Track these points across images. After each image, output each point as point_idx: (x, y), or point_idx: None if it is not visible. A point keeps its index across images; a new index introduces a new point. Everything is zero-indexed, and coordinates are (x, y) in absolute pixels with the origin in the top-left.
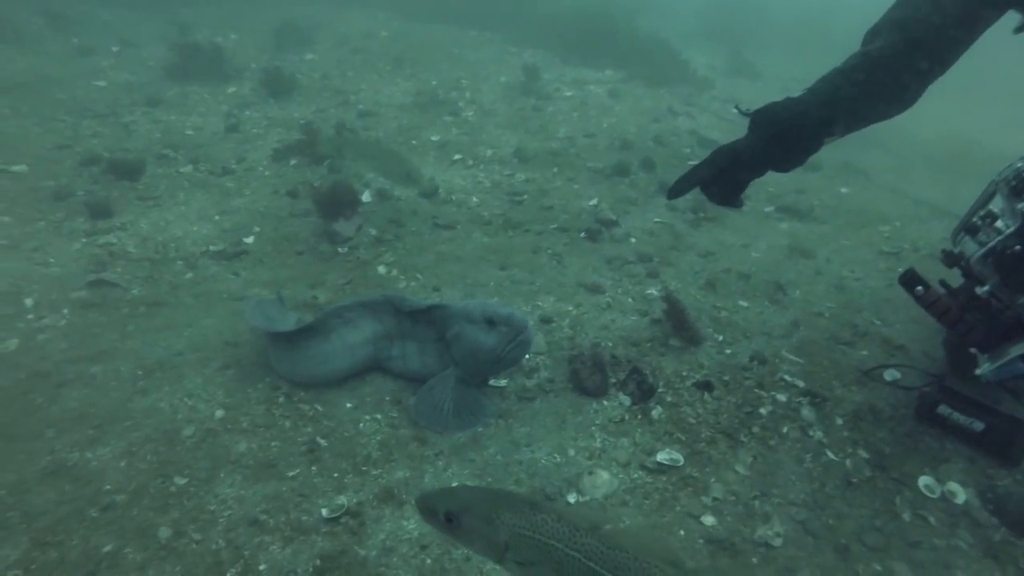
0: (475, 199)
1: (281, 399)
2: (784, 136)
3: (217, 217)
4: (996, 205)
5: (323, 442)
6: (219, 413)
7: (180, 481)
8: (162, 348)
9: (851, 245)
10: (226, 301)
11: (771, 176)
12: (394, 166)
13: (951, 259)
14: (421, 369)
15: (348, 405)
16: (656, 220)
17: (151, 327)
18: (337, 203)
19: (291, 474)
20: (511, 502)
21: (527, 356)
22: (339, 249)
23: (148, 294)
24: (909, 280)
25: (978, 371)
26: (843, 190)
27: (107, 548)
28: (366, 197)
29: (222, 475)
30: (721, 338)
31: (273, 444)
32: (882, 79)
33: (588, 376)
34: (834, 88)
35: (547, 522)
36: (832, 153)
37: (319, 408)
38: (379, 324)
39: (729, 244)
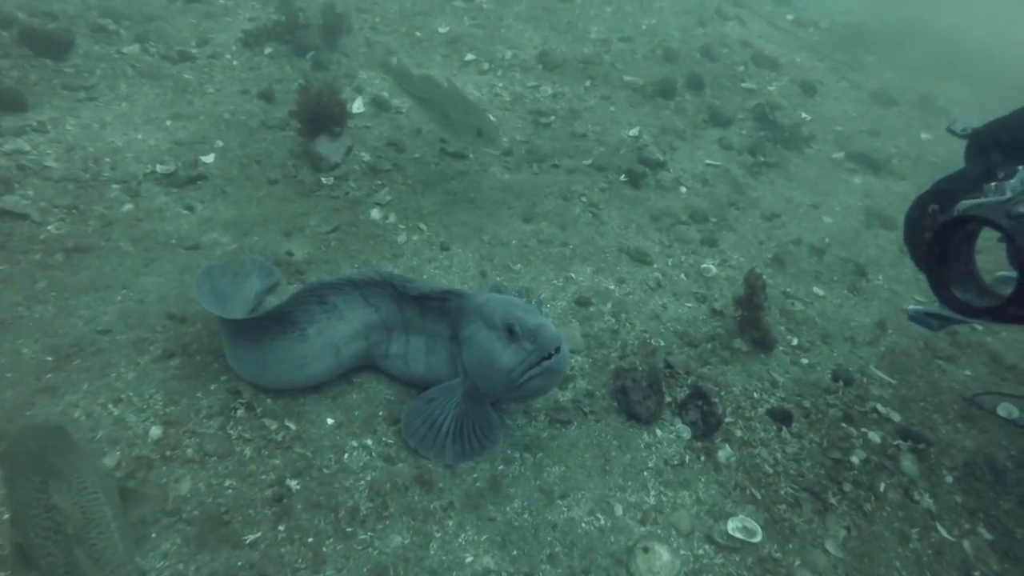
0: (492, 117)
1: (240, 411)
2: None
3: (169, 123)
4: None
5: (295, 484)
6: (155, 432)
7: None
8: (83, 320)
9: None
10: (174, 249)
11: (840, 113)
12: (460, 116)
13: None
14: (426, 373)
15: (329, 422)
16: (708, 162)
17: (71, 285)
18: (322, 114)
19: (250, 538)
20: None
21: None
22: (323, 179)
23: (70, 233)
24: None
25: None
26: (924, 136)
27: None
28: (358, 106)
29: (154, 535)
30: (796, 341)
31: (227, 485)
32: None
33: (641, 399)
34: None
35: None
36: (907, 81)
37: (291, 426)
38: (373, 312)
39: (796, 203)
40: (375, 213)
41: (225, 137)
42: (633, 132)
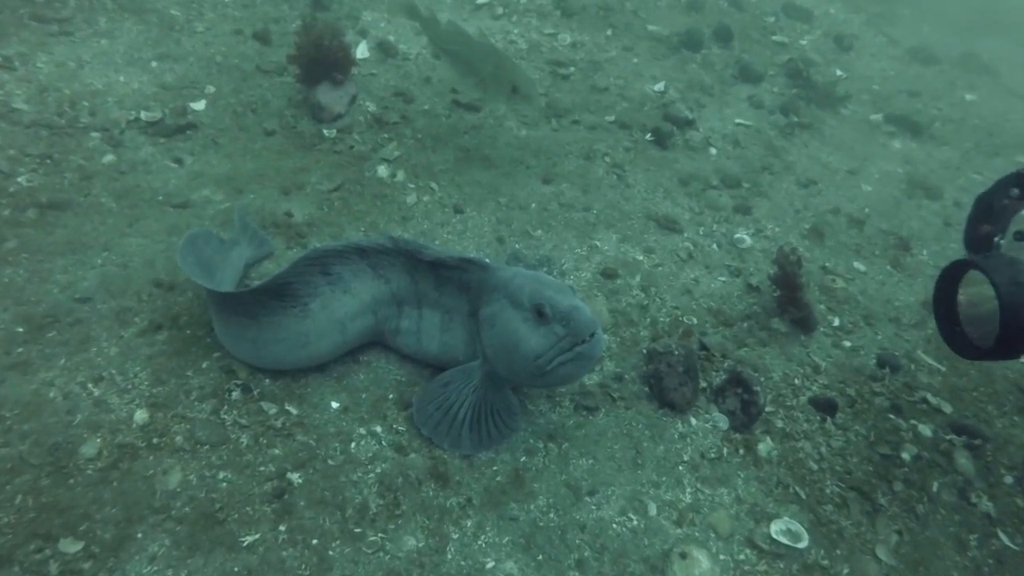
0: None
1: (235, 393)
2: None
3: (155, 64)
4: None
5: (297, 478)
6: (141, 416)
7: (70, 548)
8: (59, 287)
9: (984, 181)
10: (161, 207)
11: (877, 70)
12: (492, 70)
13: None
14: (440, 352)
15: (334, 405)
16: (738, 121)
17: (45, 246)
18: (323, 60)
19: (248, 540)
20: None
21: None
22: (324, 131)
23: (43, 186)
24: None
25: None
26: (968, 96)
27: None
28: (362, 52)
29: (139, 535)
30: (837, 322)
31: (222, 478)
32: None
33: (677, 386)
34: None
35: None
36: (947, 37)
37: (292, 411)
38: (383, 284)
39: (833, 168)
40: (382, 170)
41: (217, 82)
42: (658, 87)
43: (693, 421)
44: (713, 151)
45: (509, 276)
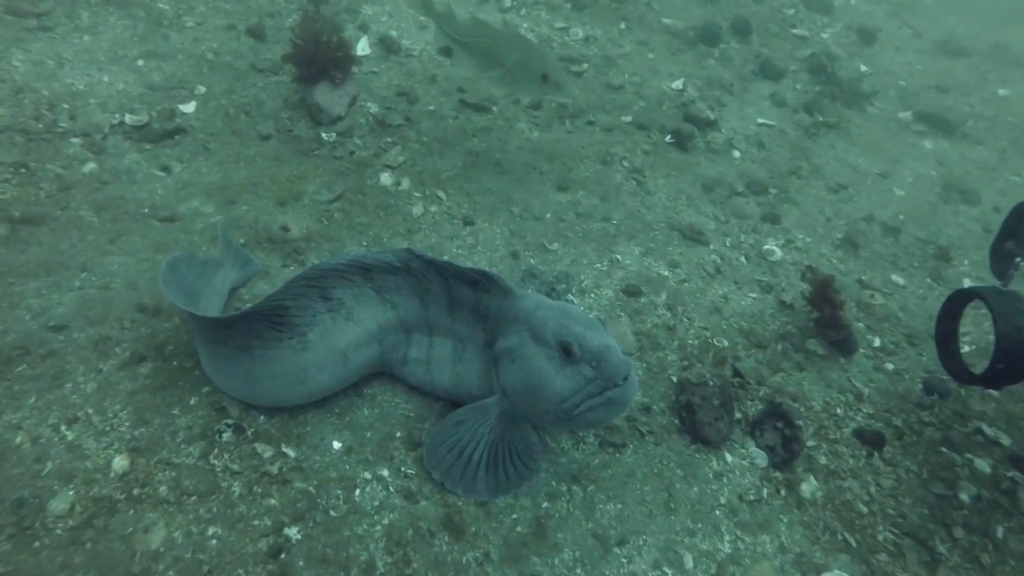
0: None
1: (227, 434)
2: None
3: (141, 62)
4: None
5: (295, 533)
6: (120, 463)
7: None
8: (31, 313)
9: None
10: (147, 221)
11: (903, 65)
12: (519, 60)
13: None
14: (452, 385)
15: (336, 446)
16: (761, 121)
17: (16, 266)
18: (322, 57)
19: None
20: None
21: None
22: (323, 135)
23: (16, 198)
24: None
25: None
26: (1001, 91)
27: None
28: (363, 48)
29: None
30: (878, 342)
31: (211, 534)
32: None
33: (711, 421)
34: None
35: None
36: (974, 28)
37: (289, 453)
38: (389, 309)
39: (863, 172)
40: (385, 177)
41: (208, 82)
42: (676, 84)
43: (729, 458)
44: (736, 154)
45: (531, 306)
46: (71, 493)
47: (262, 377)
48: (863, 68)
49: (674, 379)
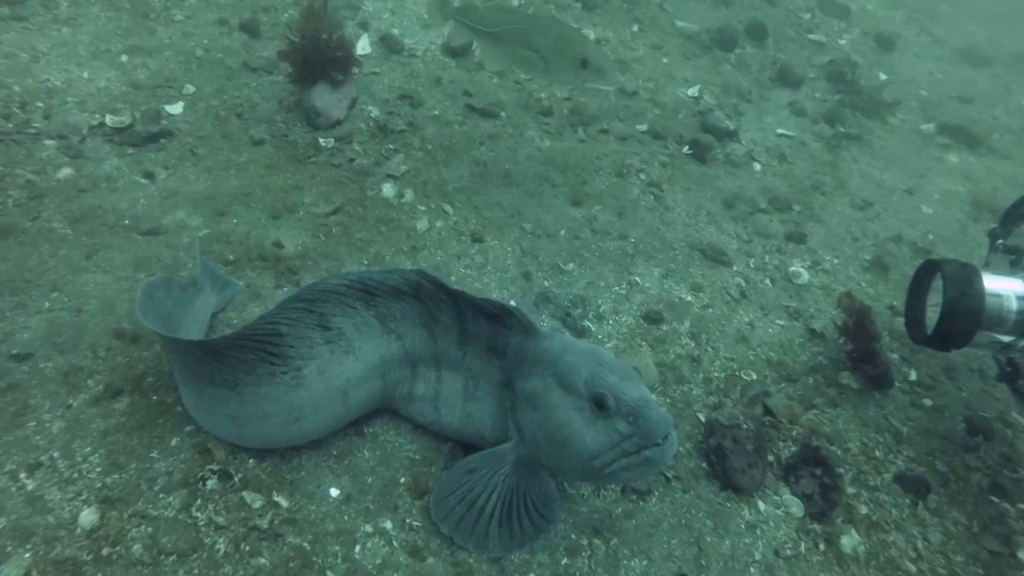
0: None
1: (212, 480)
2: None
3: (124, 58)
4: None
5: None
6: (88, 517)
7: None
8: None
9: None
10: (127, 234)
11: (924, 73)
12: (554, 44)
13: None
14: (462, 424)
15: (334, 493)
16: (780, 131)
17: None
18: (321, 56)
19: None
20: None
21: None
22: (321, 140)
23: None
24: None
25: None
26: None
27: None
28: (363, 47)
29: None
30: (914, 375)
31: None
32: None
33: (744, 467)
34: None
35: None
36: (994, 35)
37: (281, 502)
38: (394, 341)
39: (889, 187)
40: (387, 188)
41: (197, 80)
42: (692, 91)
43: (762, 506)
44: (757, 166)
45: (559, 349)
46: (28, 556)
47: (252, 417)
48: (883, 76)
49: (700, 416)
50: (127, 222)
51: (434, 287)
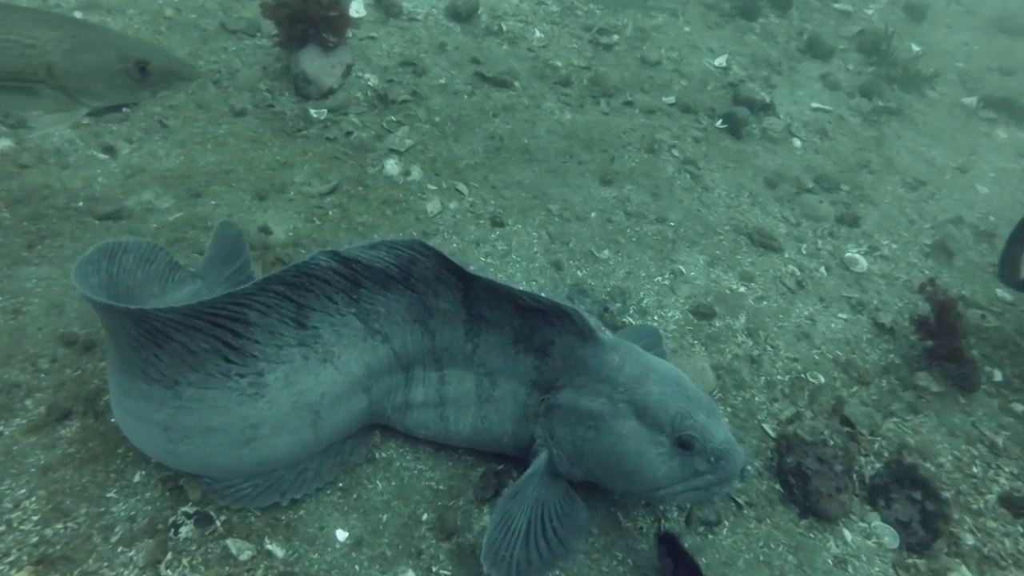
0: (538, 32)
1: (186, 527)
2: None
3: (79, 14)
4: None
5: None
6: None
7: None
8: None
9: None
10: (81, 219)
11: (958, 44)
12: None
13: None
14: (475, 431)
15: (341, 537)
16: (816, 105)
17: None
18: (310, 15)
19: None
20: None
21: None
22: (312, 111)
23: None
24: None
25: None
26: None
27: None
28: (356, 9)
29: None
30: (999, 376)
31: None
32: None
33: (832, 491)
34: None
35: None
36: None
37: (275, 551)
38: (379, 343)
39: (939, 166)
40: (391, 165)
41: (167, 43)
42: (719, 61)
43: (848, 535)
44: (797, 142)
45: (637, 373)
46: None
47: (190, 431)
48: (915, 48)
49: (767, 428)
50: (81, 204)
51: (433, 264)
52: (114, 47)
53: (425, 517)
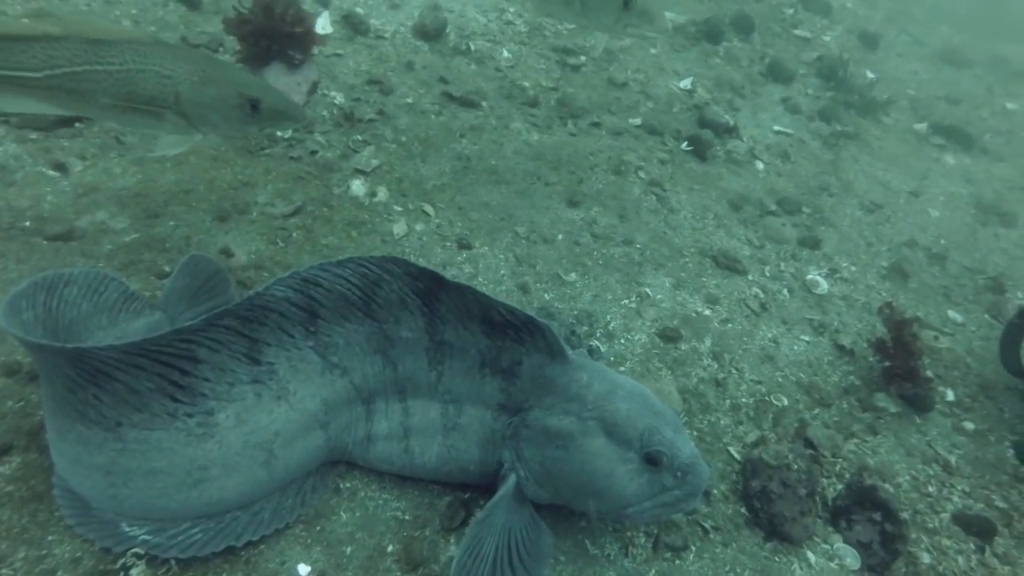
0: (506, 52)
1: (137, 568)
2: None
3: (27, 22)
4: None
5: None
6: None
7: None
8: None
9: None
10: (28, 240)
11: (909, 73)
12: None
13: None
14: (441, 462)
15: (303, 572)
16: (777, 128)
17: None
18: (275, 31)
19: None
20: None
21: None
22: (278, 131)
23: None
24: None
25: None
26: (1009, 106)
27: None
28: (323, 26)
29: None
30: (951, 395)
31: None
32: None
33: (797, 515)
34: None
35: None
36: (968, 39)
37: None
38: (337, 377)
39: (894, 189)
40: (356, 186)
41: None
42: (684, 84)
43: (812, 557)
44: (760, 165)
45: (604, 390)
46: None
47: (133, 473)
48: (870, 75)
49: (732, 451)
50: (28, 224)
51: (399, 286)
52: (234, 83)
53: (391, 548)
